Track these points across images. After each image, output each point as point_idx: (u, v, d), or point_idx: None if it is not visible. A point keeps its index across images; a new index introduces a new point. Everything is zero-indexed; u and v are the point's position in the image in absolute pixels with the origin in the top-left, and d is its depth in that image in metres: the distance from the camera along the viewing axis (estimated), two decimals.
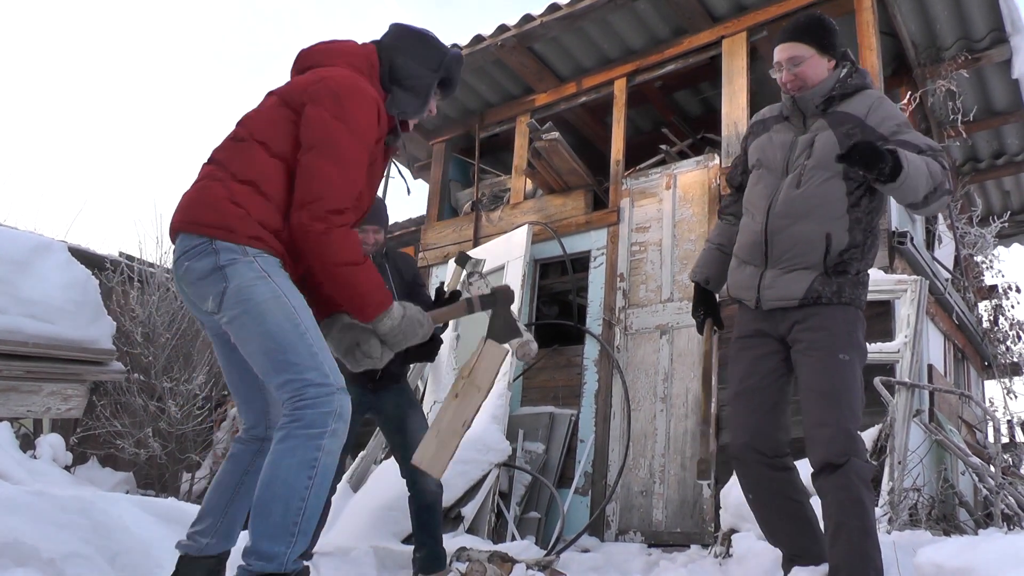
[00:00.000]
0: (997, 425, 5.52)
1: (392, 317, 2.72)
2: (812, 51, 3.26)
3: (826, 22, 3.37)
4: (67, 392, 4.78)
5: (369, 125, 2.74)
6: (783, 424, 3.30)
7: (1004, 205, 9.76)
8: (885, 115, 3.16)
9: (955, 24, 7.22)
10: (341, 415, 2.57)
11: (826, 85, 3.27)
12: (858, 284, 3.19)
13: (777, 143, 3.38)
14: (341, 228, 2.61)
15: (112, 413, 8.11)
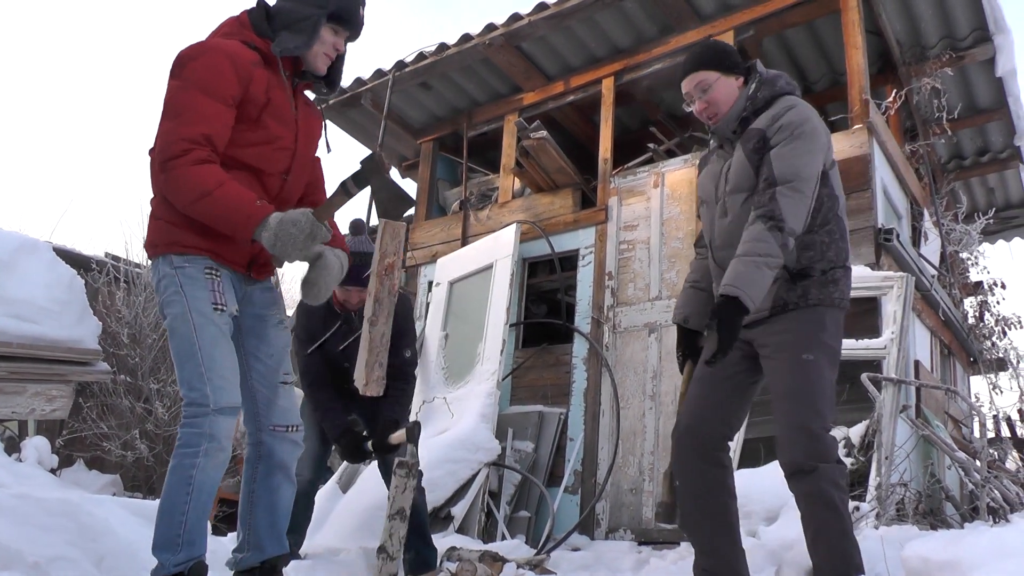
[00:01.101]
0: (983, 420, 5.57)
1: (268, 227, 2.71)
2: (717, 74, 3.25)
3: (721, 44, 3.41)
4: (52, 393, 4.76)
5: (216, 72, 2.78)
6: (729, 419, 3.27)
7: (988, 202, 9.80)
8: (781, 124, 3.09)
9: (939, 23, 7.26)
10: (213, 436, 2.69)
11: (737, 107, 3.24)
12: (827, 283, 3.11)
13: (710, 175, 3.38)
14: (184, 167, 2.68)
15: (98, 415, 8.07)
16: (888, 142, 6.59)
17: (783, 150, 3.03)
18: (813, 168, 3.03)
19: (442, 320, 7.49)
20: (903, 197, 7.11)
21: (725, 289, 2.89)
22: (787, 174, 2.98)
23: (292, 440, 3.09)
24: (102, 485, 7.88)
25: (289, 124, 2.99)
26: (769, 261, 2.89)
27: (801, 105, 3.16)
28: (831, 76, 8.22)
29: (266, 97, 2.89)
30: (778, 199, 2.95)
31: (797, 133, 3.04)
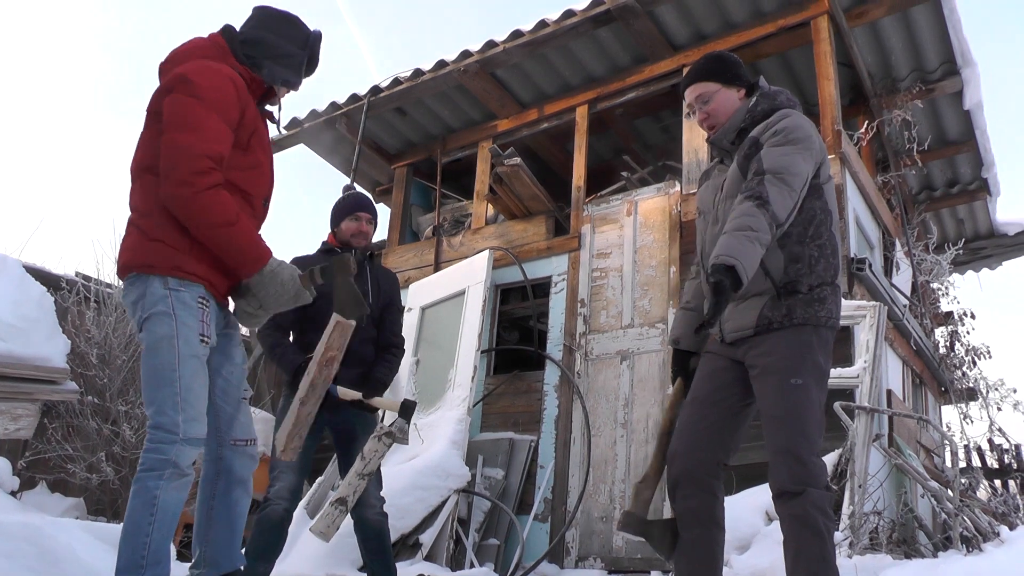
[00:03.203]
0: (954, 449, 5.56)
1: (264, 271, 2.88)
2: (718, 86, 3.28)
3: (726, 56, 3.39)
4: (17, 412, 4.68)
5: (224, 94, 2.88)
6: (725, 442, 3.24)
7: (958, 233, 9.91)
8: (775, 129, 3.10)
9: (909, 56, 7.36)
10: (177, 464, 2.72)
11: (736, 119, 3.25)
12: (813, 301, 3.06)
13: (710, 188, 3.38)
14: (210, 190, 2.75)
15: (64, 436, 7.91)
16: (860, 172, 6.65)
17: (773, 148, 3.04)
18: (803, 167, 3.01)
19: (413, 345, 7.44)
20: (875, 227, 7.16)
21: (719, 259, 2.81)
22: (776, 167, 2.98)
23: (250, 454, 3.14)
24: (65, 508, 7.71)
25: (267, 151, 3.12)
26: (760, 236, 2.85)
27: (797, 115, 3.17)
28: (804, 107, 8.21)
29: (255, 126, 3.02)
30: (766, 184, 2.94)
31: (791, 137, 3.04)
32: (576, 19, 7.14)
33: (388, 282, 4.72)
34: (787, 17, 6.85)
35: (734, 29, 7.12)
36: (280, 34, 3.18)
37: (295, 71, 3.19)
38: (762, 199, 2.91)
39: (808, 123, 3.15)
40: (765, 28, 6.96)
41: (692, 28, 7.23)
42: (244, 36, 3.16)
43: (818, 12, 6.66)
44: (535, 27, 7.38)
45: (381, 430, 3.73)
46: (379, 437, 3.71)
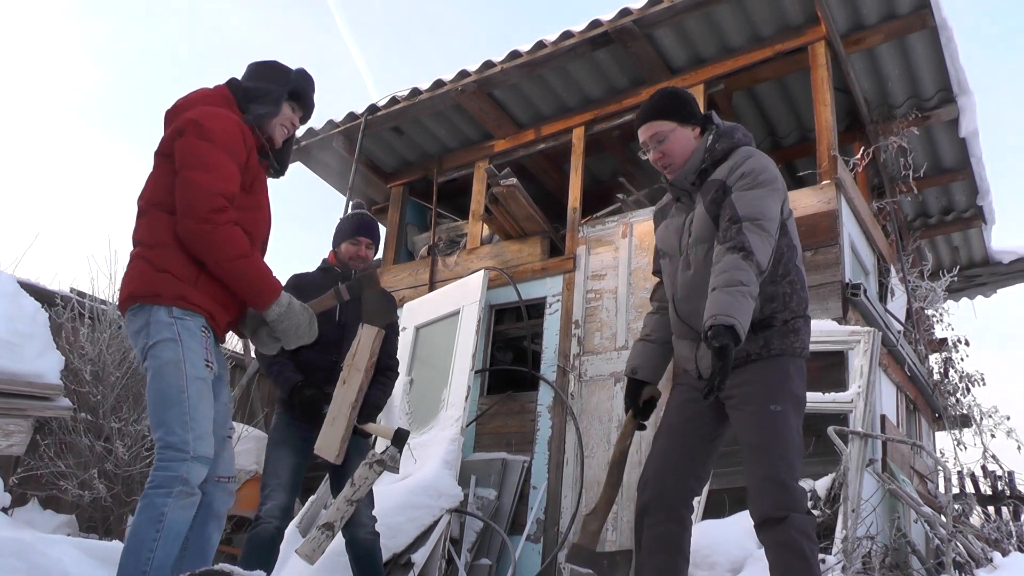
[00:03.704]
0: (948, 475, 5.55)
1: (280, 304, 3.04)
2: (673, 124, 3.22)
3: (681, 93, 3.34)
4: (9, 428, 4.65)
5: (232, 138, 3.07)
6: (697, 472, 3.24)
7: (953, 260, 9.92)
8: (742, 172, 3.08)
9: (906, 83, 7.40)
10: (187, 481, 2.84)
11: (695, 159, 3.21)
12: (788, 333, 3.11)
13: (673, 228, 3.36)
14: (226, 226, 2.91)
15: (56, 453, 7.86)
16: (856, 198, 6.66)
17: (745, 193, 3.02)
18: (775, 211, 3.03)
19: (407, 365, 7.42)
20: (870, 253, 7.18)
21: (717, 319, 2.79)
22: (751, 213, 2.97)
23: (229, 491, 3.28)
24: (56, 525, 7.65)
25: (266, 194, 3.31)
26: (751, 290, 2.85)
27: (758, 154, 3.16)
28: (800, 132, 8.33)
29: (256, 172, 3.21)
30: (745, 233, 2.92)
31: (760, 180, 3.04)
32: (574, 41, 7.17)
33: None
34: (785, 42, 6.88)
35: (731, 53, 7.15)
36: (262, 78, 3.39)
37: (272, 103, 3.33)
38: (746, 250, 2.89)
39: (769, 160, 3.16)
40: (763, 53, 6.99)
41: (690, 52, 7.26)
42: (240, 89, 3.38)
43: (815, 38, 6.70)
44: (533, 48, 7.40)
45: (372, 457, 3.71)
46: (370, 464, 3.70)
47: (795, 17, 6.77)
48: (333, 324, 4.41)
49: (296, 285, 4.35)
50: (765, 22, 6.87)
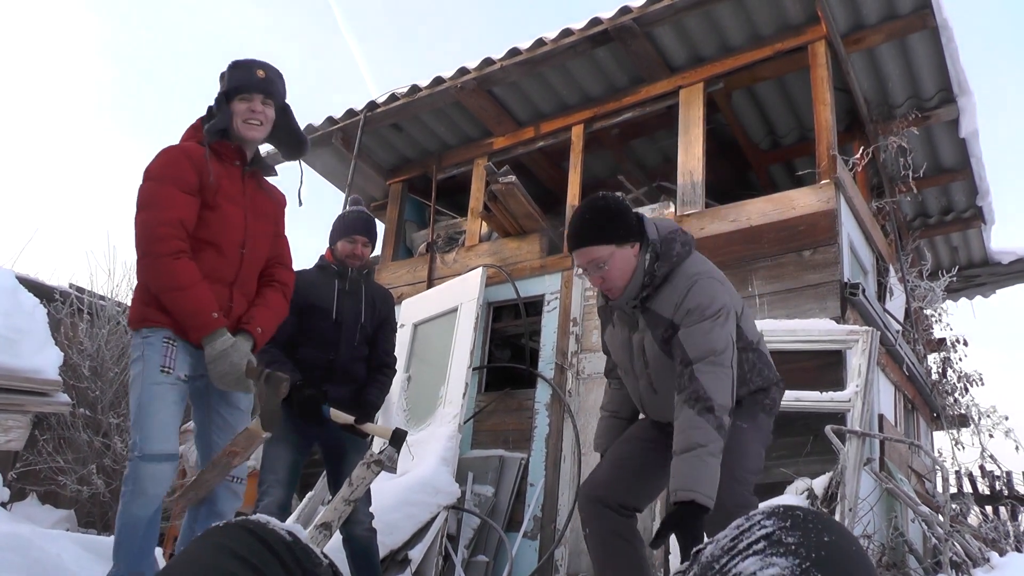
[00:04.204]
0: (945, 475, 5.56)
1: (213, 346, 3.17)
2: (611, 248, 3.01)
3: (614, 209, 3.07)
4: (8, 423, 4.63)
5: (172, 168, 3.25)
6: (639, 492, 3.24)
7: (952, 260, 9.93)
8: (687, 310, 2.95)
9: (906, 83, 7.39)
10: (135, 479, 3.06)
11: (635, 285, 3.05)
12: (756, 392, 3.15)
13: (620, 343, 3.27)
14: (167, 257, 3.12)
15: (55, 448, 7.87)
16: (855, 198, 6.66)
17: (692, 330, 2.92)
18: (725, 340, 2.91)
19: (405, 362, 7.41)
20: (869, 253, 7.17)
21: (678, 495, 2.67)
22: (700, 352, 2.87)
23: (234, 491, 3.40)
24: (55, 520, 7.66)
25: (239, 203, 3.41)
26: (711, 448, 2.72)
27: (701, 278, 3.01)
28: (799, 131, 8.32)
29: (217, 183, 3.32)
30: (698, 377, 2.82)
31: (707, 315, 2.92)
32: (574, 38, 7.16)
33: (383, 300, 4.70)
34: (785, 41, 6.87)
35: (731, 52, 7.14)
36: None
37: (217, 112, 3.44)
38: (702, 400, 2.78)
39: (711, 283, 3.02)
40: (762, 52, 6.98)
41: (690, 50, 7.25)
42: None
43: (816, 37, 6.69)
44: (532, 45, 7.39)
45: (370, 457, 3.71)
46: (368, 465, 3.69)
47: (795, 16, 6.76)
48: (330, 322, 4.40)
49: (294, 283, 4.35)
50: (765, 21, 6.86)
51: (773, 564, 0.83)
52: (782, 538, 0.87)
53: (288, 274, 3.69)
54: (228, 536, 0.99)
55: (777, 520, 0.90)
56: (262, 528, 1.01)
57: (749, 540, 0.89)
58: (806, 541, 0.85)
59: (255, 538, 0.98)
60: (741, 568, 0.86)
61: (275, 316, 3.54)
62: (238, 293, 3.39)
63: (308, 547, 1.04)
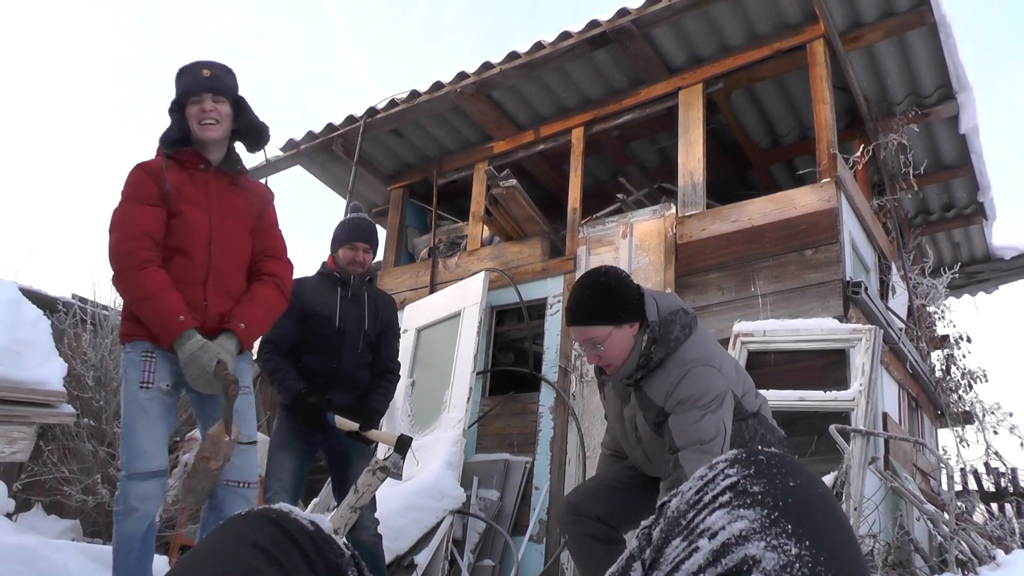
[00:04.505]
0: (950, 473, 5.54)
1: (183, 349, 3.20)
2: (608, 328, 3.04)
3: (613, 288, 3.10)
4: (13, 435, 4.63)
5: (136, 184, 3.36)
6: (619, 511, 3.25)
7: (954, 257, 9.92)
8: (678, 400, 2.95)
9: (905, 80, 7.38)
10: (124, 498, 3.14)
11: (630, 365, 3.06)
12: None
13: (614, 413, 3.32)
14: (133, 270, 3.21)
15: (59, 458, 7.87)
16: (856, 196, 6.66)
17: (681, 418, 2.93)
18: (715, 428, 2.91)
19: (409, 367, 7.42)
20: (871, 251, 7.17)
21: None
22: (687, 440, 2.88)
23: (243, 496, 3.39)
24: (61, 530, 7.66)
25: (202, 205, 3.43)
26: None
27: (695, 368, 3.00)
28: (799, 130, 8.32)
29: (177, 191, 3.38)
30: (682, 464, 2.84)
31: (699, 405, 2.93)
32: (572, 41, 7.17)
33: (386, 306, 4.70)
34: (783, 40, 6.87)
35: (730, 52, 7.14)
36: None
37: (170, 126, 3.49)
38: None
39: (709, 370, 3.01)
40: (761, 51, 6.98)
41: (688, 51, 7.26)
42: None
43: (814, 36, 6.69)
44: (531, 49, 7.40)
45: (376, 464, 3.71)
46: (373, 471, 3.70)
47: (793, 15, 6.76)
48: (333, 329, 4.40)
49: (296, 290, 4.35)
50: (763, 20, 6.86)
51: (741, 517, 0.81)
52: (747, 487, 0.85)
53: (279, 265, 3.64)
54: (250, 525, 0.97)
55: (740, 468, 0.88)
56: (284, 518, 0.99)
57: (714, 492, 0.87)
58: (772, 489, 0.84)
59: (277, 528, 0.97)
60: (709, 523, 0.84)
61: (264, 309, 3.51)
62: (213, 292, 3.39)
63: (330, 537, 1.02)
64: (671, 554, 0.86)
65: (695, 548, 0.82)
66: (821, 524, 0.81)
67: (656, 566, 0.88)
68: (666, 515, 0.93)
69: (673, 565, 0.84)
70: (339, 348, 4.38)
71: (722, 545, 0.80)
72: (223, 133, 3.48)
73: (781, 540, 0.78)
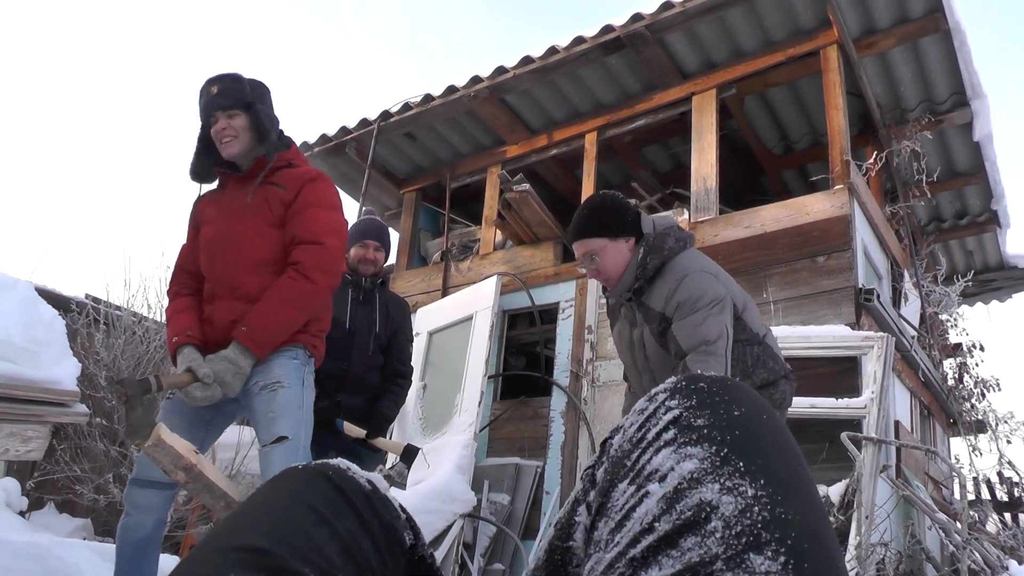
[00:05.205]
0: (963, 482, 5.52)
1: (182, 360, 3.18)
2: (604, 241, 3.17)
3: (609, 205, 3.25)
4: (27, 434, 4.66)
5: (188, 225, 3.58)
6: None
7: (967, 265, 9.88)
8: (677, 303, 3.04)
9: (918, 87, 7.37)
10: (126, 500, 3.18)
11: (628, 277, 3.17)
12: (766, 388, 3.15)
13: (624, 340, 3.36)
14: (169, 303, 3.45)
15: (72, 457, 7.91)
16: (869, 203, 6.64)
17: (682, 323, 3.00)
18: (717, 330, 2.98)
19: (420, 370, 7.43)
20: (884, 258, 7.15)
21: None
22: (692, 343, 2.96)
23: None
24: (72, 529, 7.69)
25: (213, 220, 3.45)
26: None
27: (691, 273, 3.08)
28: (812, 136, 8.31)
29: (202, 216, 3.49)
30: (690, 367, 2.91)
31: (696, 307, 3.00)
32: (586, 46, 7.18)
33: (398, 309, 4.67)
34: (797, 46, 6.87)
35: (743, 58, 7.14)
36: None
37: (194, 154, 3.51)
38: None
39: (704, 273, 3.09)
40: (775, 57, 6.98)
41: (702, 56, 7.26)
42: None
43: (828, 42, 6.68)
44: (545, 53, 7.41)
45: (380, 472, 3.72)
46: None
47: (807, 21, 6.76)
48: (344, 332, 4.40)
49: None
50: (777, 26, 6.86)
51: (689, 456, 0.76)
52: (691, 420, 0.80)
53: (302, 250, 3.36)
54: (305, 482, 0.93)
55: (681, 398, 0.83)
56: (341, 475, 0.95)
57: (657, 428, 0.81)
58: (717, 421, 0.79)
59: (332, 486, 0.92)
60: (656, 464, 0.78)
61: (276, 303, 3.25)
62: (222, 302, 3.32)
63: (387, 498, 0.97)
64: (619, 500, 0.80)
65: (645, 493, 0.77)
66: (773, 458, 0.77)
67: (604, 512, 0.82)
68: (609, 454, 0.88)
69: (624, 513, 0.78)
70: (349, 350, 4.37)
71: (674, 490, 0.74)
72: (241, 147, 3.40)
73: (735, 481, 0.73)
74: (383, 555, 0.92)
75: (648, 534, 0.73)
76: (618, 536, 0.76)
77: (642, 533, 0.74)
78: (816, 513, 0.74)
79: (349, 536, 0.88)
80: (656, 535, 0.72)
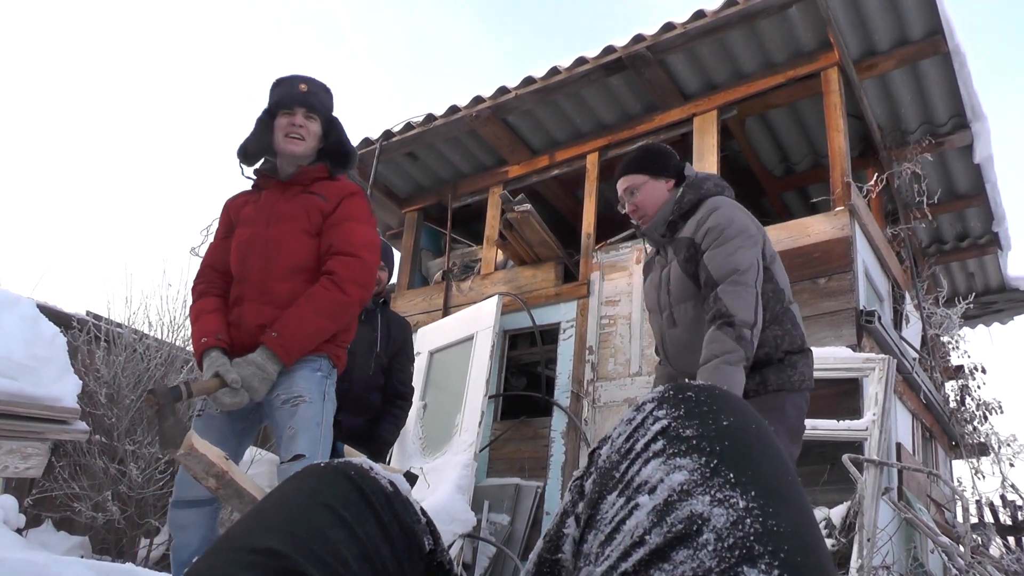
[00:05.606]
0: (966, 505, 5.50)
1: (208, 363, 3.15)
2: (645, 178, 3.32)
3: (654, 149, 3.43)
4: (27, 451, 4.65)
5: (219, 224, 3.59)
6: None
7: (969, 287, 9.88)
8: (707, 228, 3.09)
9: (919, 109, 7.39)
10: (169, 524, 3.21)
11: (664, 212, 3.27)
12: (784, 368, 3.08)
13: (653, 283, 3.40)
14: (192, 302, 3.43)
15: (71, 475, 7.88)
16: (870, 225, 6.65)
17: (714, 251, 3.03)
18: (749, 260, 3.01)
19: (421, 390, 7.41)
20: (885, 280, 7.15)
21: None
22: (724, 272, 2.98)
23: None
24: (70, 547, 7.66)
25: (250, 222, 3.41)
26: (728, 358, 2.84)
27: (725, 206, 3.14)
28: (813, 158, 8.33)
29: (238, 217, 3.47)
30: (721, 296, 2.93)
31: (727, 234, 3.03)
32: (588, 67, 7.21)
33: (399, 329, 4.65)
34: (797, 68, 6.89)
35: (744, 79, 7.16)
36: None
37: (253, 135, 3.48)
38: (722, 316, 2.90)
39: (737, 210, 3.15)
40: (775, 78, 7.00)
41: (703, 77, 7.28)
42: None
43: (828, 64, 6.71)
44: (547, 74, 7.44)
45: None
46: None
47: (807, 43, 6.78)
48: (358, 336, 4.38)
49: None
50: (778, 48, 6.89)
51: (679, 468, 0.75)
52: (680, 431, 0.79)
53: (337, 261, 3.32)
54: (325, 481, 0.92)
55: (669, 408, 0.82)
56: (363, 475, 0.93)
57: (645, 438, 0.81)
58: (706, 431, 0.78)
59: (352, 486, 0.91)
60: (645, 475, 0.77)
61: (307, 311, 3.21)
62: (251, 305, 3.26)
63: (407, 500, 0.95)
64: (609, 512, 0.79)
65: (635, 505, 0.75)
66: (763, 468, 0.76)
67: (593, 524, 0.81)
68: (597, 464, 0.87)
69: (613, 525, 0.76)
70: (350, 370, 4.36)
71: (664, 502, 0.73)
72: (305, 150, 3.39)
73: (726, 492, 0.72)
74: (401, 560, 0.90)
75: (639, 547, 0.72)
76: (608, 549, 0.75)
77: (633, 546, 0.73)
78: (807, 523, 0.73)
79: (367, 539, 0.87)
80: (647, 548, 0.71)
